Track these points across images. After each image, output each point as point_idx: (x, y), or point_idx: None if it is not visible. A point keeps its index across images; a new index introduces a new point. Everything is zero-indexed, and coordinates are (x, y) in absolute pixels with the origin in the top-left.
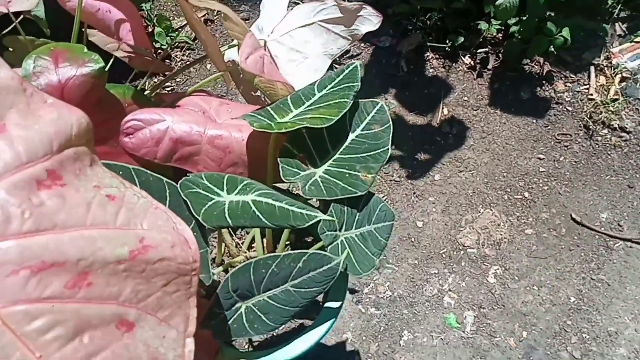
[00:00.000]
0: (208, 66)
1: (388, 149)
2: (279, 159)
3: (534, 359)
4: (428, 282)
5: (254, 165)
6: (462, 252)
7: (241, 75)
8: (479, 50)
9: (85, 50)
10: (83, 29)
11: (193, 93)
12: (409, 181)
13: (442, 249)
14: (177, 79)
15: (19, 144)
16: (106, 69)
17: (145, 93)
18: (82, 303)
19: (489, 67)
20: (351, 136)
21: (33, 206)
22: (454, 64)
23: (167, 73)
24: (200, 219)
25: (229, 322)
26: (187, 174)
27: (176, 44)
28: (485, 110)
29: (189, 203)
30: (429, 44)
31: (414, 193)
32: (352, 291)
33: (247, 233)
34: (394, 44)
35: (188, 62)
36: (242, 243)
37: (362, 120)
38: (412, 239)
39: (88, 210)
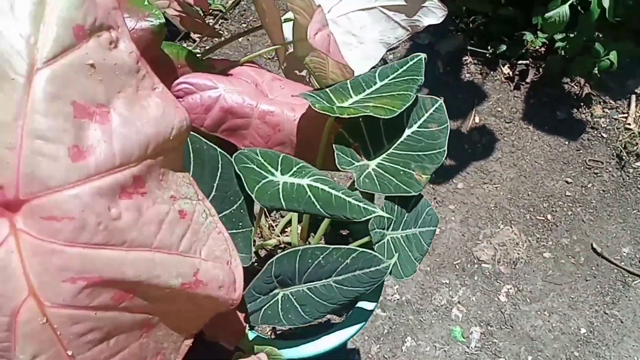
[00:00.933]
0: (240, 39)
1: (444, 150)
2: (334, 146)
3: None
4: (438, 291)
5: (301, 148)
6: (476, 265)
7: (287, 52)
8: (520, 62)
9: (146, 2)
10: None
11: (245, 64)
12: (431, 185)
13: (456, 259)
14: (206, 47)
15: (118, 142)
16: None
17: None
18: (121, 312)
19: (528, 80)
20: (407, 132)
21: (109, 219)
22: (491, 72)
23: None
24: (253, 196)
25: (264, 308)
26: (238, 148)
27: (210, 11)
28: (518, 124)
29: (242, 178)
30: (469, 47)
31: (435, 198)
32: None
33: (282, 216)
34: (431, 42)
35: (225, 32)
36: (276, 226)
37: (419, 116)
38: None
39: (158, 230)
